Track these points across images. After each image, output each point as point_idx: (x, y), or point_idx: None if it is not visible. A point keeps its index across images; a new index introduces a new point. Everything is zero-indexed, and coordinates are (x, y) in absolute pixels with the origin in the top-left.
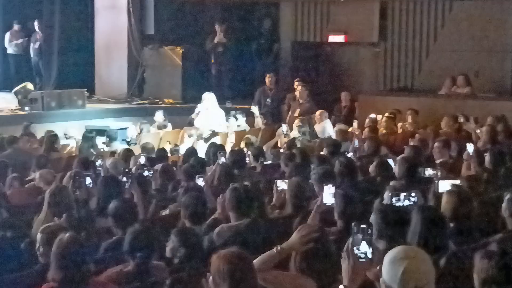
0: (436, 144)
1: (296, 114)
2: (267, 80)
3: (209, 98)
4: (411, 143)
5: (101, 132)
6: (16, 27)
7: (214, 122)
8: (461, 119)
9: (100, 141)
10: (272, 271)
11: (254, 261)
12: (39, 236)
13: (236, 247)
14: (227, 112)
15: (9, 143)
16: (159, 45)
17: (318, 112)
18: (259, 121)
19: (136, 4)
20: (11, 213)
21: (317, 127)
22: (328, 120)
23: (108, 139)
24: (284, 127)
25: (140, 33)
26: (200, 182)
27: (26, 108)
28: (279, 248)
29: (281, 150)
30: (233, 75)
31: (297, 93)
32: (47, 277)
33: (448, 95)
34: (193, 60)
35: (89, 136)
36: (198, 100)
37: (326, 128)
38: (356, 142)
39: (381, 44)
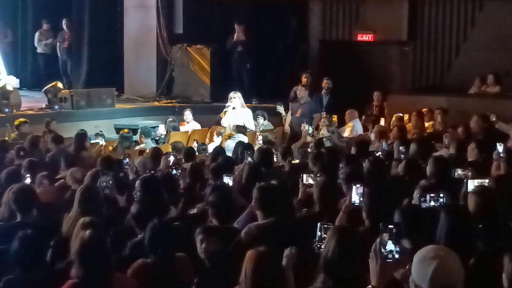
0: (471, 145)
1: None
2: (303, 80)
3: (235, 97)
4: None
5: (133, 131)
6: (45, 26)
7: (241, 121)
8: (493, 118)
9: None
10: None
11: None
12: (77, 227)
13: (264, 246)
14: (253, 111)
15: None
16: (188, 44)
17: (347, 112)
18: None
19: (165, 3)
20: (40, 211)
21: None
22: (357, 119)
23: (143, 135)
24: (310, 128)
25: (169, 32)
26: (227, 181)
27: (56, 107)
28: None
29: (309, 150)
30: (259, 74)
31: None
32: (71, 274)
33: (478, 94)
34: (221, 59)
35: (127, 136)
36: (226, 99)
37: (355, 127)
38: (384, 142)
39: (410, 43)
